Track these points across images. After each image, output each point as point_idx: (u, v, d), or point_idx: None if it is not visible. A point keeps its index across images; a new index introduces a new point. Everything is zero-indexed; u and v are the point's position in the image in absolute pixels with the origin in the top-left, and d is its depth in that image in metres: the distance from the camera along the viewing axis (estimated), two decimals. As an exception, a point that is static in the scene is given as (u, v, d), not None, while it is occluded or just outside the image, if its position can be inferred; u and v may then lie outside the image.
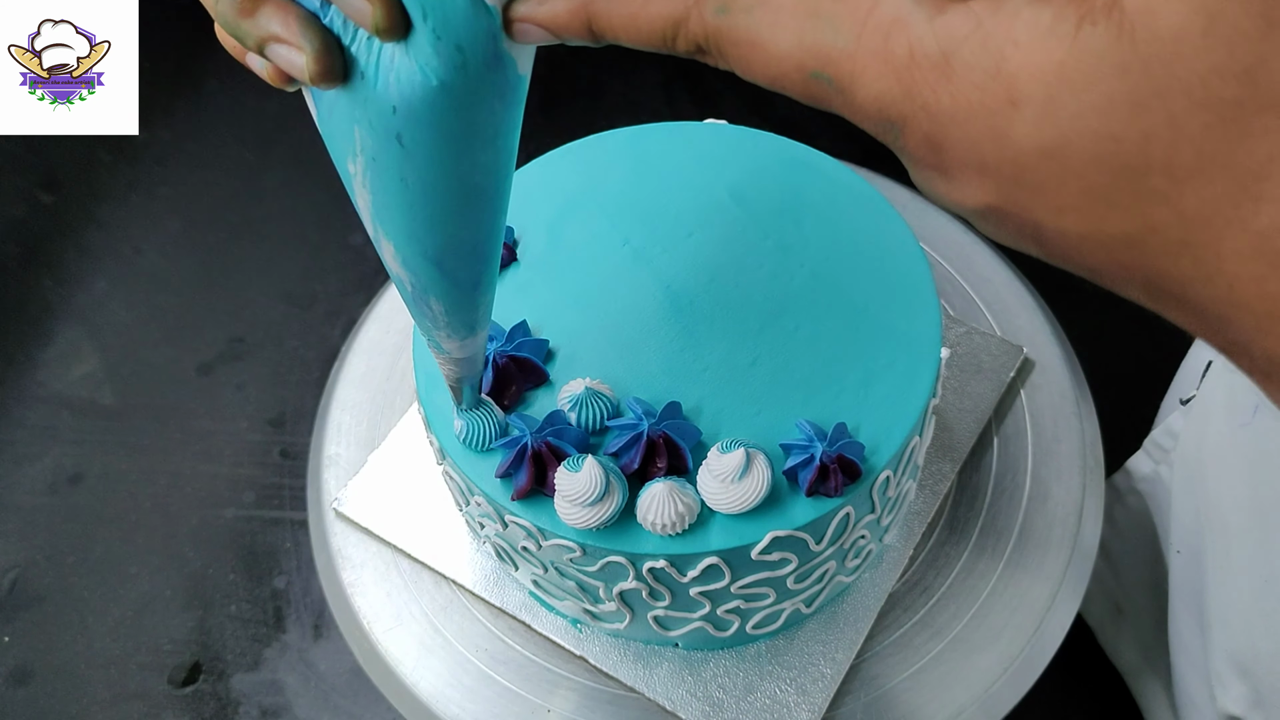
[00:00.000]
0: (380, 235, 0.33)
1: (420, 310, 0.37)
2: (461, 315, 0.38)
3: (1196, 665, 0.60)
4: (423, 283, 0.35)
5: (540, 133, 1.17)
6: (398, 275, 0.35)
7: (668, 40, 0.24)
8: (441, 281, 0.35)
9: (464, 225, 0.33)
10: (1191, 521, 0.59)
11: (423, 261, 0.34)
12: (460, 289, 0.36)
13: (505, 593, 0.57)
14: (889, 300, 0.50)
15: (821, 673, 0.53)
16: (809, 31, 0.23)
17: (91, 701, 0.81)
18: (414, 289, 0.35)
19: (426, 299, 0.36)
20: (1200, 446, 0.57)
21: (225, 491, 0.91)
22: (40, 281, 1.05)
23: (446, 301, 0.36)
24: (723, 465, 0.43)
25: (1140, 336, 0.96)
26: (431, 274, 0.34)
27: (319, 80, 0.28)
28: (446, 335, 0.39)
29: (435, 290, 0.35)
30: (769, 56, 0.23)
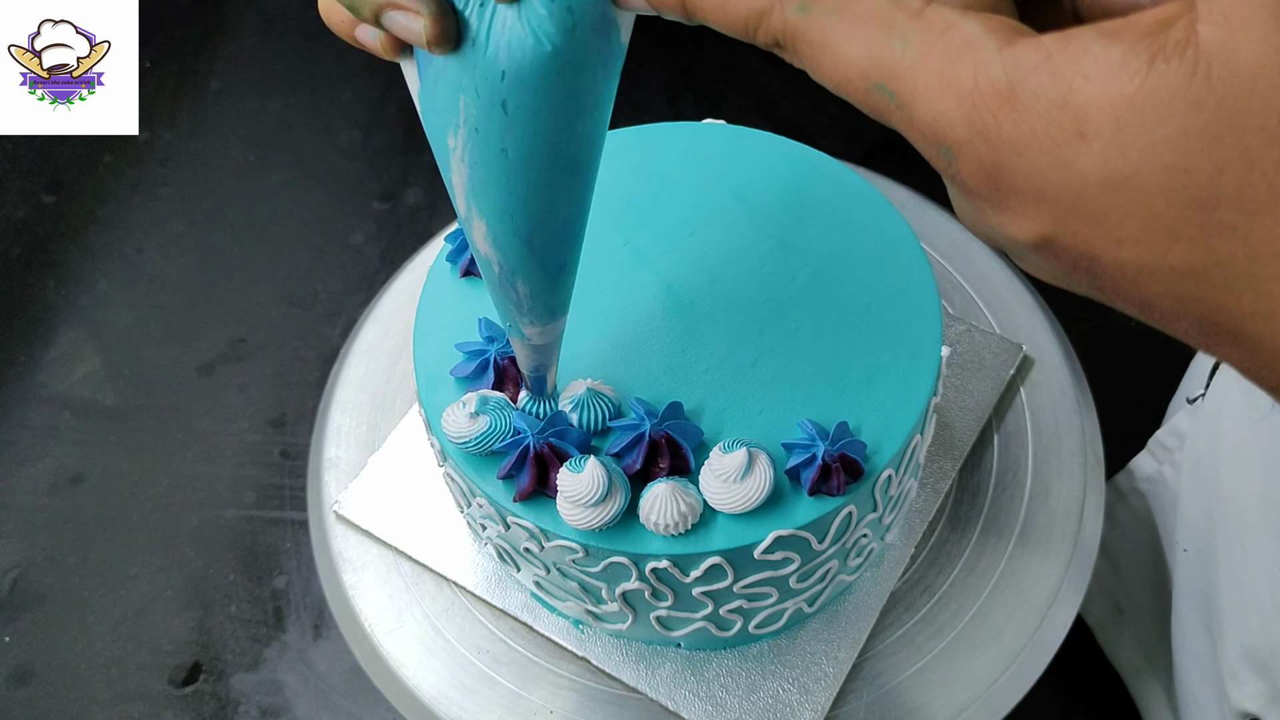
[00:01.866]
0: (473, 212, 0.34)
1: (505, 294, 0.38)
2: (545, 299, 0.38)
3: (1202, 665, 0.60)
4: (511, 263, 0.35)
5: (540, 132, 1.17)
6: (486, 256, 0.36)
7: (750, 30, 0.25)
8: (530, 262, 0.35)
9: (557, 200, 0.33)
10: (1201, 520, 0.59)
11: (514, 240, 0.34)
12: (547, 271, 0.36)
13: (507, 594, 0.57)
14: (890, 299, 0.50)
15: (824, 672, 0.54)
16: (879, 43, 0.23)
17: (92, 701, 0.81)
18: (501, 270, 0.36)
19: (513, 281, 0.37)
20: (1214, 444, 0.57)
21: (226, 492, 0.91)
22: (42, 282, 1.05)
23: (532, 284, 0.37)
24: (725, 465, 0.43)
25: (1140, 336, 0.96)
26: (521, 254, 0.35)
27: (435, 44, 0.29)
28: (529, 320, 0.39)
29: (523, 272, 0.36)
30: (837, 61, 0.24)
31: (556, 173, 0.32)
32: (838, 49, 0.24)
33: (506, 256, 0.35)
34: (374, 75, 1.22)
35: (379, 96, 1.20)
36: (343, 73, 1.22)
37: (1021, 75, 0.22)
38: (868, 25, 0.23)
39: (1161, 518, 0.66)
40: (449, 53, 0.30)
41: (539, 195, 0.33)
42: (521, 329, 0.40)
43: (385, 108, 1.18)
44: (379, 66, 1.23)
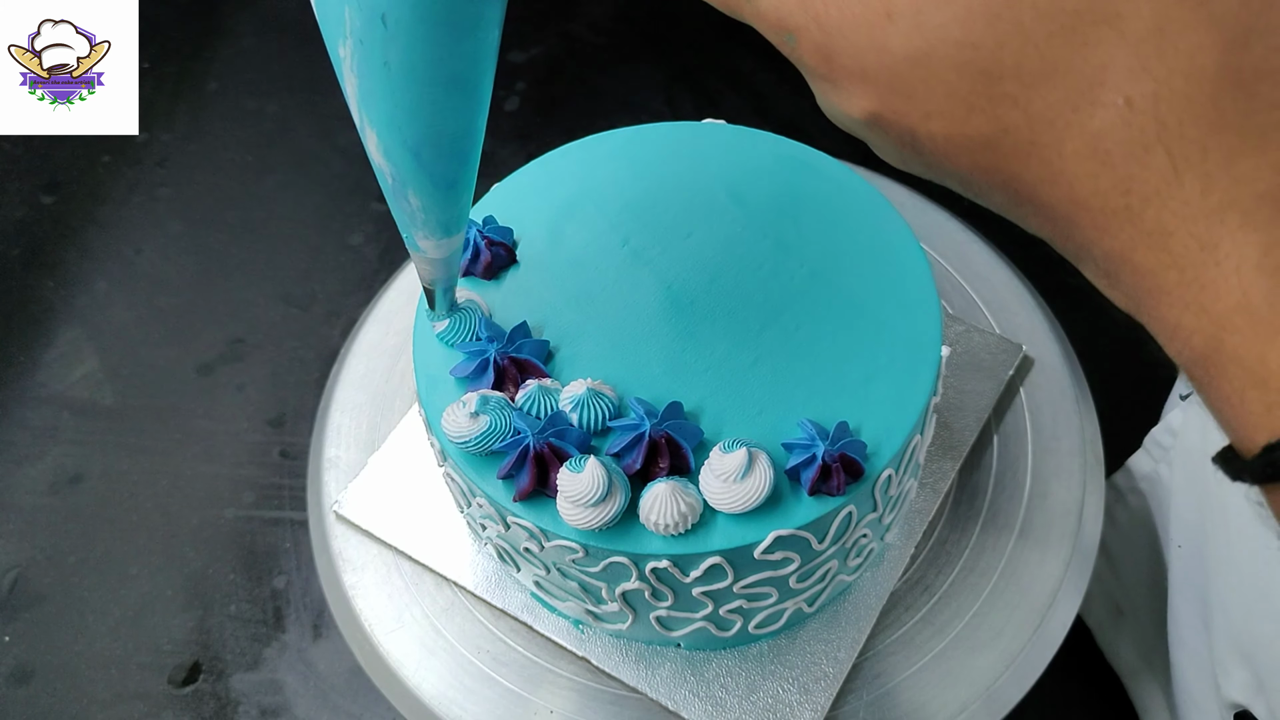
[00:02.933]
0: (365, 123, 0.35)
1: (399, 206, 0.38)
2: (438, 214, 0.39)
3: (1197, 660, 0.60)
4: (402, 175, 0.36)
5: (540, 133, 1.18)
6: (379, 166, 0.36)
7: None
8: (420, 175, 0.36)
9: (442, 115, 0.34)
10: (1193, 515, 0.59)
11: (403, 152, 0.35)
12: (437, 185, 0.37)
13: (507, 594, 0.57)
14: (889, 299, 0.50)
15: (824, 672, 0.54)
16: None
17: (91, 701, 0.81)
18: (394, 181, 0.37)
19: (405, 193, 0.37)
20: (1204, 438, 0.57)
21: (225, 492, 0.91)
22: (41, 283, 1.05)
23: (424, 198, 0.38)
24: (725, 465, 0.43)
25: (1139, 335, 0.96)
26: (410, 166, 0.36)
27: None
28: (424, 234, 0.40)
29: (414, 184, 0.37)
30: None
31: (439, 88, 0.33)
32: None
33: (397, 168, 0.36)
34: (373, 75, 1.22)
35: (378, 97, 1.19)
36: (342, 73, 1.22)
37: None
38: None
39: (1159, 516, 0.66)
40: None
41: (424, 109, 0.34)
42: (417, 241, 0.41)
43: (384, 108, 1.18)
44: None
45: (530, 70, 1.21)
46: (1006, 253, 0.70)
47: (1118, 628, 0.74)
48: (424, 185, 0.37)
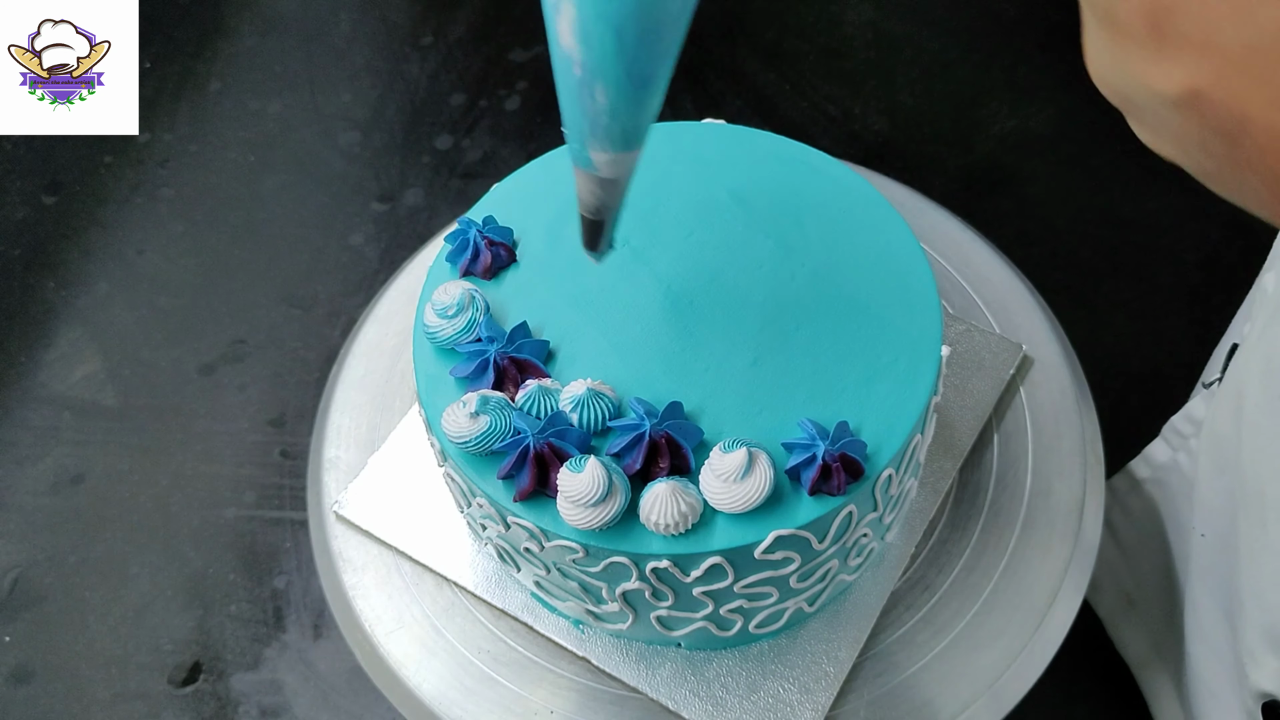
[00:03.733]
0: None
1: (580, 104, 0.35)
2: (624, 117, 0.35)
3: (1218, 651, 0.60)
4: (594, 62, 0.33)
5: (540, 133, 1.18)
6: (567, 53, 0.33)
7: None
8: (617, 61, 0.33)
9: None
10: (1221, 503, 0.58)
11: (604, 29, 0.31)
12: (632, 79, 0.34)
13: (507, 594, 0.57)
14: (889, 299, 0.50)
15: (825, 671, 0.54)
16: None
17: (92, 701, 0.81)
18: (583, 71, 0.33)
19: (592, 87, 0.34)
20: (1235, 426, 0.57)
21: (226, 492, 0.91)
22: (43, 283, 1.05)
23: (613, 93, 0.34)
24: (725, 465, 0.43)
25: (1140, 335, 0.96)
26: (610, 49, 0.32)
27: None
28: (601, 143, 0.36)
29: (606, 75, 0.33)
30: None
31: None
32: None
33: (591, 52, 0.32)
34: (374, 77, 1.22)
35: (378, 98, 1.20)
36: (342, 74, 1.22)
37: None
38: None
39: (1176, 505, 0.66)
40: None
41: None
42: (590, 153, 0.37)
43: (384, 109, 1.18)
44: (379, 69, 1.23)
45: (532, 69, 1.21)
46: (1006, 253, 0.70)
47: (1129, 618, 0.74)
48: (617, 77, 0.33)
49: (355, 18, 1.29)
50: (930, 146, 1.11)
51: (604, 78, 0.33)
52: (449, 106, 1.18)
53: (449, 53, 1.23)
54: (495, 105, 1.18)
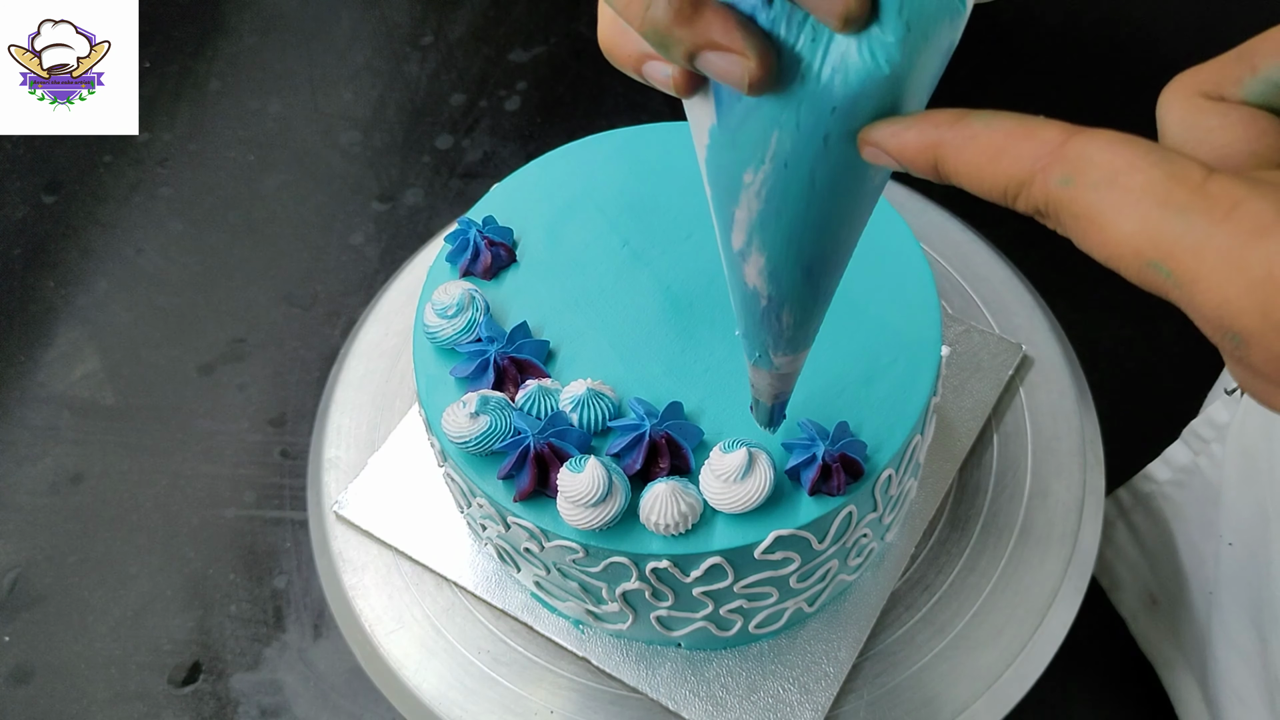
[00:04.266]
0: (753, 247, 0.32)
1: (767, 327, 0.36)
2: (806, 329, 0.37)
3: (1248, 659, 0.60)
4: (783, 295, 0.34)
5: (540, 133, 1.18)
6: (754, 290, 0.34)
7: (1009, 198, 0.24)
8: (804, 292, 0.34)
9: (849, 226, 0.32)
10: (1250, 513, 0.58)
11: (794, 271, 0.33)
12: (817, 299, 0.35)
13: (507, 594, 0.57)
14: (889, 299, 0.50)
15: (825, 671, 0.54)
16: (1154, 219, 0.21)
17: (91, 701, 0.81)
18: (769, 303, 0.35)
19: (779, 313, 0.35)
20: (1266, 436, 0.56)
21: (226, 491, 0.91)
22: (42, 282, 1.05)
23: (799, 313, 0.36)
24: (725, 465, 0.43)
25: (1139, 335, 0.96)
26: (797, 285, 0.34)
27: (757, 87, 0.26)
28: (784, 350, 0.38)
29: (793, 303, 0.35)
30: (1106, 237, 0.22)
31: (857, 199, 0.31)
32: (1107, 224, 0.22)
33: (780, 289, 0.34)
34: (373, 77, 1.22)
35: (378, 98, 1.20)
36: (342, 74, 1.22)
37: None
38: (1141, 200, 0.21)
39: (1198, 509, 0.66)
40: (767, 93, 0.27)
41: (835, 224, 0.31)
42: (773, 358, 0.39)
43: (385, 109, 1.18)
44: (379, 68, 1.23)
45: (532, 70, 1.21)
46: (1006, 253, 0.70)
47: (1152, 618, 0.74)
48: (804, 302, 0.35)
49: (355, 17, 1.29)
50: (930, 146, 1.10)
51: (791, 305, 0.35)
52: (449, 106, 1.18)
53: (449, 53, 1.23)
54: (495, 105, 1.18)
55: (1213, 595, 0.64)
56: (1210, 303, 0.21)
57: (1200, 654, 0.66)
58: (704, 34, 0.26)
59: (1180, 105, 0.26)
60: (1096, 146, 0.22)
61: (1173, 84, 0.26)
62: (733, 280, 0.35)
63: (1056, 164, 0.22)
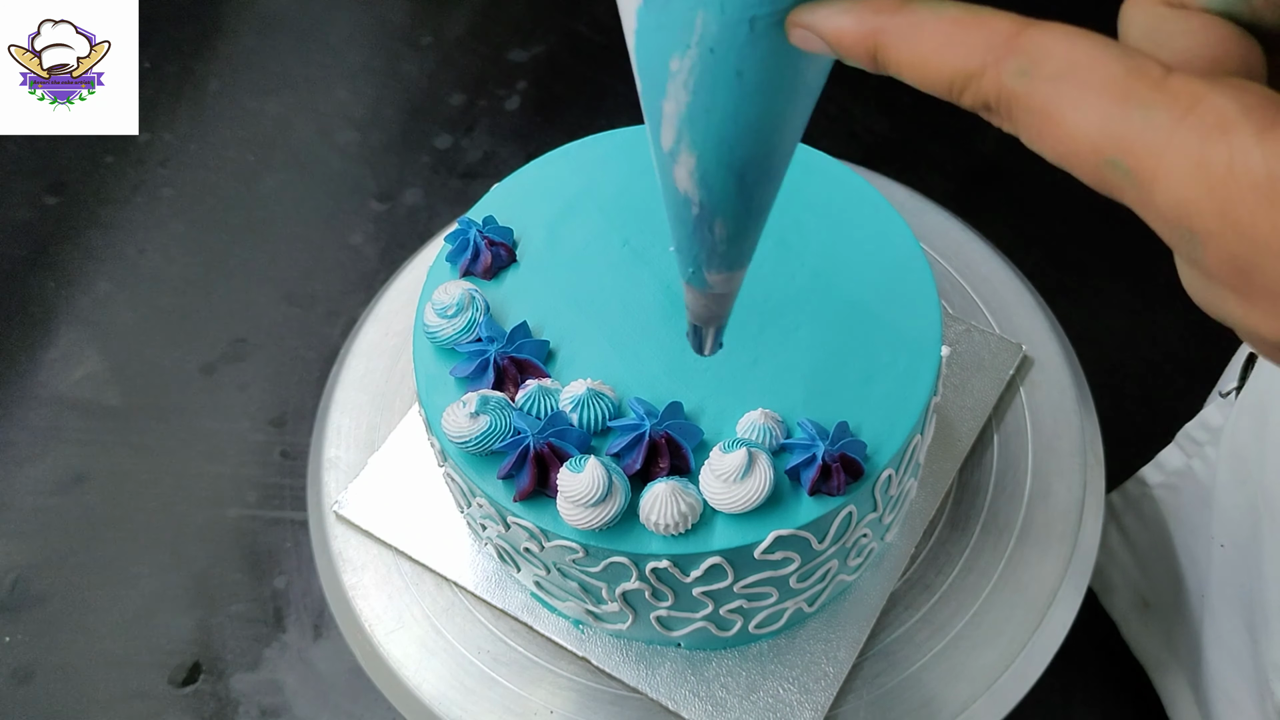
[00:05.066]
0: (683, 145, 0.31)
1: (699, 238, 0.35)
2: (740, 242, 0.36)
3: (1239, 661, 0.60)
4: (715, 201, 0.33)
5: (540, 133, 1.18)
6: (685, 196, 0.33)
7: (954, 91, 0.23)
8: (737, 199, 0.33)
9: (782, 129, 0.31)
10: (1242, 516, 0.58)
11: (724, 174, 0.32)
12: (750, 210, 0.34)
13: (507, 594, 0.57)
14: (889, 299, 0.50)
15: (824, 671, 0.54)
16: (1115, 116, 0.21)
17: (92, 701, 0.81)
18: (701, 210, 0.34)
19: (712, 222, 0.34)
20: (1258, 439, 0.56)
21: (227, 491, 0.91)
22: (44, 283, 1.05)
23: (732, 225, 0.34)
24: (725, 465, 0.43)
25: (1140, 336, 0.96)
26: (730, 190, 0.32)
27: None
28: (716, 267, 0.37)
29: (725, 211, 0.34)
30: (1063, 132, 0.21)
31: (790, 98, 0.29)
32: (1065, 119, 0.21)
33: (711, 193, 0.33)
34: (372, 77, 1.22)
35: (376, 97, 1.20)
36: (340, 73, 1.22)
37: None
38: (1101, 94, 0.21)
39: (1190, 512, 0.66)
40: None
41: (767, 123, 0.30)
42: (706, 276, 0.38)
43: (383, 108, 1.18)
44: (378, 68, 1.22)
45: (532, 69, 1.21)
46: (1006, 253, 0.70)
47: (1144, 620, 0.74)
48: (736, 211, 0.34)
49: (354, 17, 1.29)
50: (930, 146, 1.11)
51: (723, 214, 0.34)
52: (448, 106, 1.18)
53: (448, 52, 1.23)
54: (495, 105, 1.18)
55: (1204, 598, 0.64)
56: (1168, 201, 0.21)
57: (1192, 656, 0.67)
58: None
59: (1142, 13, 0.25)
60: (1054, 38, 0.21)
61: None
62: (664, 185, 0.34)
63: (1011, 55, 0.22)
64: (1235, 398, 0.59)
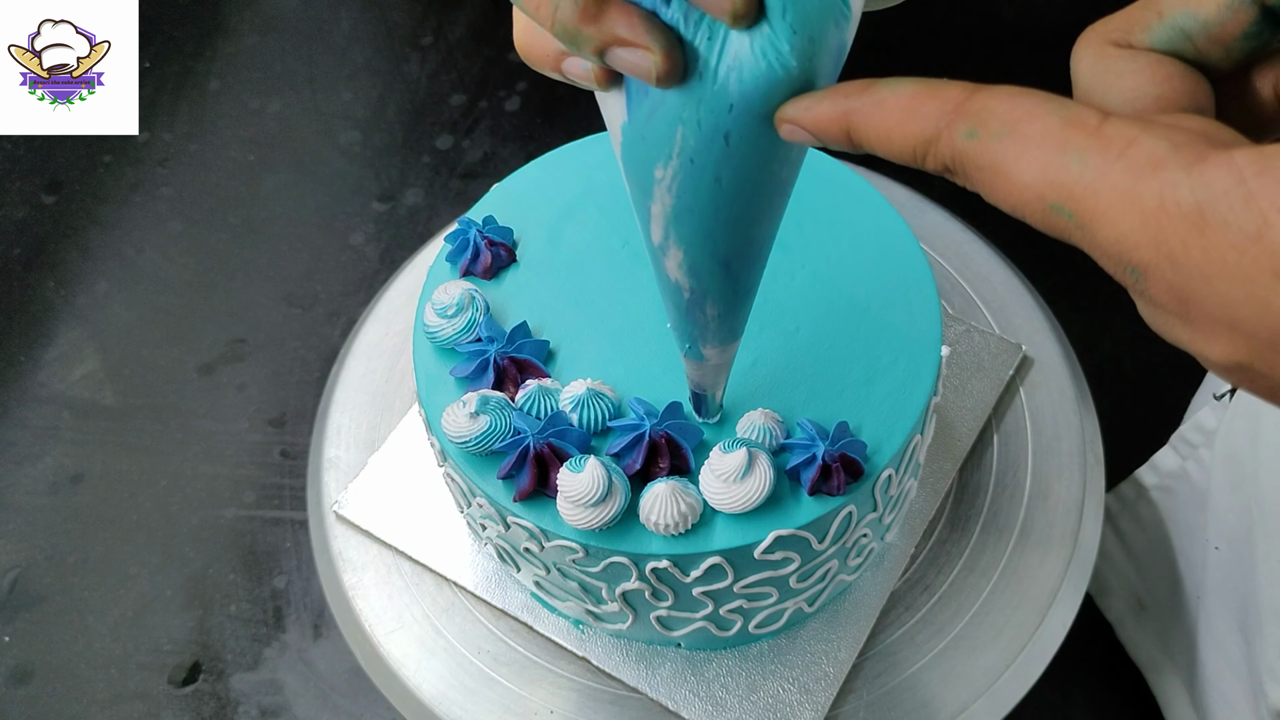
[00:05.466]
0: (670, 241, 0.33)
1: (691, 319, 0.38)
2: (732, 320, 0.38)
3: (1234, 663, 0.60)
4: (704, 287, 0.35)
5: (540, 133, 1.18)
6: (676, 283, 0.35)
7: (917, 157, 0.24)
8: (724, 285, 0.35)
9: (762, 222, 0.33)
10: (1237, 518, 0.58)
11: (711, 264, 0.34)
12: (738, 293, 0.36)
13: (507, 594, 0.57)
14: (889, 299, 0.50)
15: (824, 671, 0.54)
16: (1054, 164, 0.22)
17: (91, 701, 0.81)
18: (692, 295, 0.36)
19: (703, 305, 0.37)
20: (1252, 441, 0.56)
21: (226, 492, 0.91)
22: (42, 282, 1.05)
23: (722, 306, 0.37)
24: (725, 465, 0.43)
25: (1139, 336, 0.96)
26: (716, 278, 0.35)
27: (665, 80, 0.28)
28: (712, 343, 0.40)
29: (714, 295, 0.36)
30: (1011, 185, 0.23)
31: (767, 196, 0.32)
32: (1010, 172, 0.23)
33: (700, 281, 0.35)
34: (373, 77, 1.22)
35: (378, 98, 1.20)
36: (342, 74, 1.22)
37: (1211, 199, 0.20)
38: (1040, 146, 0.22)
39: (1186, 514, 0.66)
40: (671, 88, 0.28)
41: (746, 219, 0.32)
42: (701, 350, 0.40)
43: (384, 109, 1.18)
44: (379, 68, 1.22)
45: (531, 70, 1.21)
46: (1006, 253, 0.70)
47: (1139, 622, 0.74)
48: (725, 295, 0.36)
49: (355, 17, 1.29)
50: (930, 147, 1.10)
51: (713, 297, 0.36)
52: (449, 106, 1.18)
53: (449, 53, 1.23)
54: (495, 105, 1.18)
55: (1199, 599, 0.64)
56: (1109, 238, 0.22)
57: (1187, 658, 0.67)
58: (610, 30, 0.27)
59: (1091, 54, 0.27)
60: (997, 99, 0.23)
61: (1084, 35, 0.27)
62: (657, 273, 0.36)
63: (960, 119, 0.23)
64: (1229, 400, 0.59)
